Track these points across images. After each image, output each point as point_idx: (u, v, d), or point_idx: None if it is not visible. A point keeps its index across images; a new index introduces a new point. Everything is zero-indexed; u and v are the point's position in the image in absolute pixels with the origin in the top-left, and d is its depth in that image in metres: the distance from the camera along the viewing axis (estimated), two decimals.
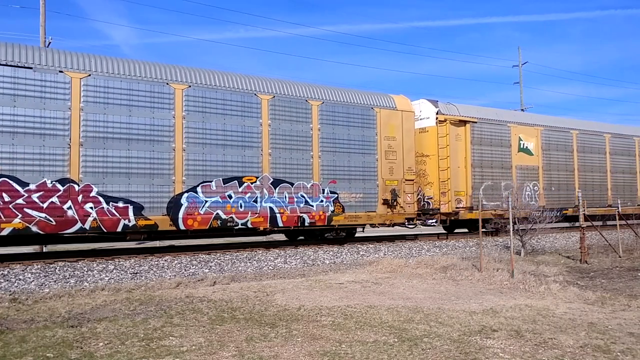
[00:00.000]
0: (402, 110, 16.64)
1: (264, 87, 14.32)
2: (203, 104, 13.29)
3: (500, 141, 19.20)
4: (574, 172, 21.46)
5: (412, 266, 12.25)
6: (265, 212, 13.87)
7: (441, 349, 5.60)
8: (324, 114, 15.12)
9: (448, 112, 18.05)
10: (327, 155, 15.06)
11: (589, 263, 13.21)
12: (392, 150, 16.21)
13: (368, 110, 15.93)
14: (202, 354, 5.50)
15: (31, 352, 5.60)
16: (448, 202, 17.62)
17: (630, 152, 23.88)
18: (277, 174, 14.19)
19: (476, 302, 8.16)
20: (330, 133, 15.20)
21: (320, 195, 14.81)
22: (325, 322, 6.85)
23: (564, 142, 21.24)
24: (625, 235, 16.34)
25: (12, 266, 10.97)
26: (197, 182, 13.00)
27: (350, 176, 15.43)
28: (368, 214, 15.65)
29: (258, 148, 13.97)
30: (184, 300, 8.48)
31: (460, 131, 18.21)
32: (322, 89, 15.43)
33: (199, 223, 12.92)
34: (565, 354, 5.48)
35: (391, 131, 16.26)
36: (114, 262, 11.85)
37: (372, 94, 16.42)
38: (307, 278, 11.05)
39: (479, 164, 18.49)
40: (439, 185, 17.72)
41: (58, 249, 16.84)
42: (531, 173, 19.98)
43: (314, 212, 14.65)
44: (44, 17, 20.99)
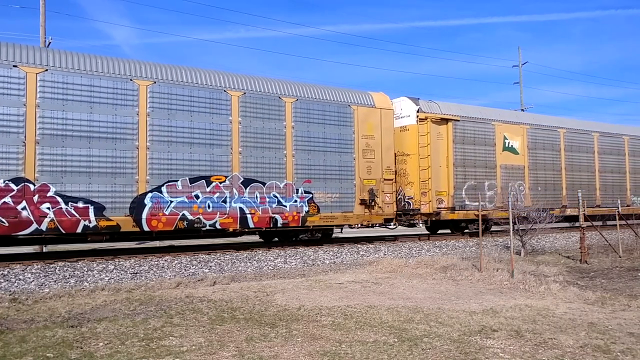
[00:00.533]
0: (381, 108, 16.30)
1: (234, 83, 13.93)
2: (169, 100, 12.91)
3: (484, 140, 18.75)
4: (561, 172, 21.02)
5: (412, 266, 12.25)
6: (235, 212, 13.46)
7: (441, 349, 5.61)
8: (298, 112, 14.76)
9: (429, 110, 17.65)
10: (301, 154, 14.71)
11: (589, 263, 13.21)
12: (370, 149, 15.86)
13: (345, 108, 15.57)
14: (202, 354, 5.50)
15: (31, 352, 5.60)
16: (429, 202, 17.22)
17: (619, 151, 23.42)
18: (248, 173, 13.80)
19: (476, 302, 8.16)
20: (304, 131, 14.82)
21: (294, 196, 14.44)
22: (325, 322, 6.85)
23: (550, 141, 20.81)
24: (625, 235, 16.33)
25: (12, 266, 10.98)
26: (162, 181, 12.62)
27: (326, 176, 15.08)
28: (345, 214, 15.31)
29: (227, 146, 13.59)
30: (184, 300, 8.48)
31: (442, 129, 17.81)
32: (296, 86, 15.06)
33: (163, 224, 12.51)
34: (565, 354, 5.48)
35: (369, 129, 15.91)
36: (114, 262, 11.86)
37: (349, 91, 16.09)
38: (307, 278, 11.05)
39: (462, 164, 18.06)
40: (420, 185, 17.30)
41: (58, 249, 16.84)
42: (517, 172, 19.57)
43: (287, 212, 14.27)
44: (44, 17, 21.00)
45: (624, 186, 23.36)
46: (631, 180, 23.62)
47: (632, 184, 23.62)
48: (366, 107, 15.98)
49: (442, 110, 17.93)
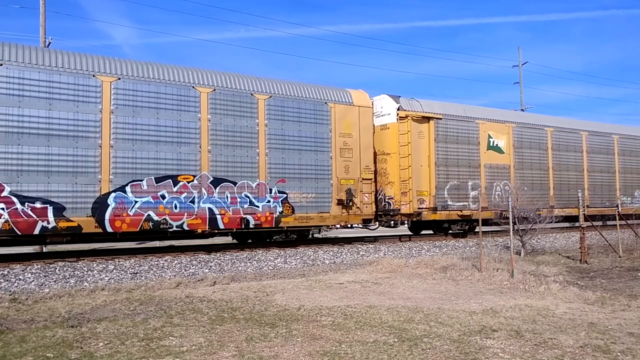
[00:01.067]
0: (360, 106, 15.88)
1: (204, 79, 13.49)
2: (134, 97, 12.48)
3: (467, 139, 18.24)
4: (549, 171, 20.52)
5: (412, 266, 12.26)
6: (203, 213, 13.01)
7: (441, 349, 5.61)
8: (271, 109, 14.30)
9: (410, 108, 17.19)
10: (275, 153, 14.25)
11: (589, 263, 13.21)
12: (348, 147, 15.44)
13: (321, 105, 15.10)
14: (202, 354, 5.50)
15: (31, 352, 5.60)
16: (409, 203, 16.77)
17: (608, 151, 22.89)
18: (217, 173, 13.35)
19: (476, 302, 8.16)
20: (278, 129, 14.36)
21: (267, 195, 13.99)
22: (325, 322, 6.85)
23: (537, 140, 20.29)
24: (625, 235, 16.34)
25: (12, 266, 10.98)
26: (126, 181, 12.19)
27: (301, 175, 14.62)
28: (321, 215, 14.83)
29: (196, 145, 13.14)
30: (184, 300, 8.48)
31: (424, 128, 17.34)
32: (269, 82, 14.59)
33: (128, 225, 12.09)
34: (565, 354, 5.48)
35: (347, 127, 15.49)
36: (114, 262, 11.86)
37: (326, 88, 15.63)
38: (307, 278, 11.06)
39: (444, 163, 17.60)
40: (400, 184, 16.85)
41: (58, 249, 16.84)
42: (502, 172, 19.05)
43: (259, 213, 13.82)
44: (44, 17, 21.00)
45: (613, 186, 22.89)
46: (620, 180, 23.17)
47: (622, 183, 23.18)
48: (344, 105, 15.56)
49: (424, 108, 17.52)
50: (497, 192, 18.63)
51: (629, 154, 23.60)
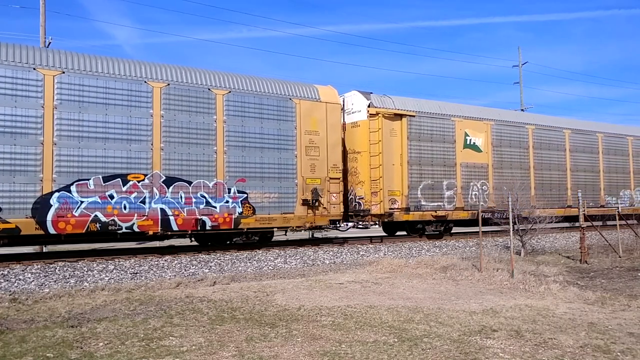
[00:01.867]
0: (327, 102, 15.18)
1: (157, 73, 12.84)
2: (80, 92, 11.84)
3: (442, 137, 17.59)
4: (530, 170, 19.84)
5: (412, 266, 12.26)
6: (155, 214, 12.38)
7: (441, 349, 5.61)
8: (231, 105, 13.62)
9: (382, 105, 16.55)
10: (234, 151, 13.57)
11: (589, 263, 13.21)
12: (314, 145, 14.75)
13: (286, 101, 14.42)
14: (202, 354, 5.50)
15: (31, 352, 5.60)
16: (380, 203, 16.12)
17: (592, 150, 22.23)
18: (171, 172, 12.71)
19: (476, 302, 8.16)
20: (238, 126, 13.68)
21: (226, 196, 13.33)
22: (325, 322, 6.85)
23: (518, 138, 19.61)
24: (625, 236, 16.34)
25: (12, 266, 10.98)
26: (71, 180, 11.56)
27: (263, 174, 13.95)
28: (284, 215, 14.17)
29: (147, 142, 12.48)
30: (184, 300, 8.48)
31: (396, 125, 16.68)
32: (228, 77, 13.89)
33: (73, 226, 11.47)
34: (565, 354, 5.48)
35: (313, 125, 14.79)
36: (114, 262, 11.86)
37: (291, 84, 14.95)
38: (307, 278, 11.06)
39: (417, 162, 16.98)
40: (370, 184, 16.20)
41: (58, 249, 16.84)
42: (479, 171, 18.36)
43: (217, 214, 13.17)
44: (44, 17, 21.00)
45: (598, 186, 22.24)
46: (605, 179, 22.55)
47: (606, 183, 22.55)
48: (310, 101, 14.86)
49: (396, 105, 16.91)
50: (475, 192, 18.05)
51: (614, 152, 23.05)
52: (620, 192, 22.94)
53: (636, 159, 23.75)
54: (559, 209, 19.72)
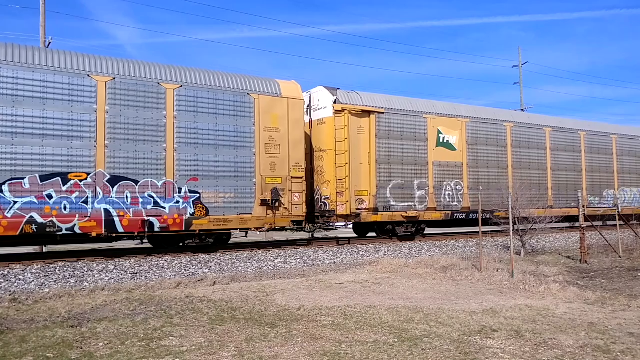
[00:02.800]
0: (289, 98, 14.43)
1: (101, 67, 12.14)
2: (14, 86, 11.19)
3: (413, 134, 16.90)
4: (507, 170, 19.06)
5: (412, 266, 12.26)
6: (98, 215, 11.72)
7: (441, 349, 5.61)
8: (182, 100, 12.94)
9: (348, 101, 15.89)
10: (185, 149, 12.89)
11: (589, 263, 13.21)
12: (274, 143, 14.04)
13: (243, 97, 13.70)
14: (202, 354, 5.50)
15: (31, 352, 5.60)
16: (346, 203, 15.44)
17: (574, 148, 21.39)
18: (116, 170, 12.03)
19: (476, 302, 8.16)
20: (190, 122, 12.99)
21: (176, 196, 12.65)
22: (325, 322, 6.86)
23: (495, 136, 18.83)
24: (625, 236, 16.34)
25: (12, 266, 10.98)
26: (4, 179, 10.92)
27: (218, 173, 13.24)
28: (241, 217, 13.41)
29: (90, 139, 11.79)
30: (184, 300, 8.48)
31: (364, 123, 16.02)
32: (180, 70, 13.21)
33: (5, 228, 10.77)
34: (565, 354, 5.48)
35: (274, 121, 14.08)
36: (114, 262, 11.86)
37: (250, 78, 14.23)
38: (307, 278, 11.06)
39: (387, 160, 16.27)
40: (336, 183, 15.51)
41: (58, 249, 16.85)
42: (453, 170, 17.64)
43: (166, 215, 12.48)
44: (44, 17, 21.00)
45: (580, 185, 21.36)
46: (588, 179, 21.75)
47: (589, 183, 21.73)
48: (270, 96, 14.16)
49: (364, 102, 16.22)
50: (448, 191, 17.38)
51: (597, 151, 22.30)
52: (604, 192, 22.31)
53: (620, 158, 23.12)
54: (539, 209, 19.33)
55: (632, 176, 23.45)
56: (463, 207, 17.56)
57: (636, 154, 23.64)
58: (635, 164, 23.60)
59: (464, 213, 17.51)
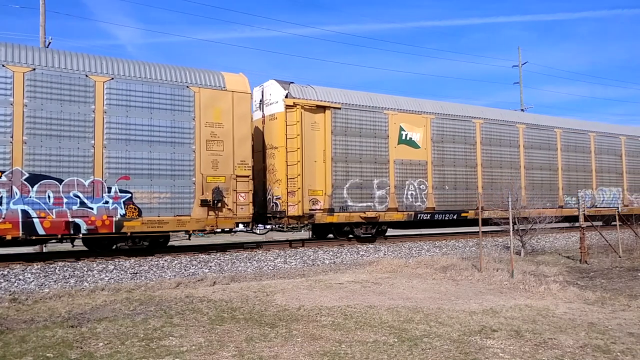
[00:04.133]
0: (234, 91, 13.51)
1: (18, 57, 11.31)
2: None
3: (373, 131, 15.99)
4: (477, 168, 18.08)
5: (412, 266, 12.26)
6: (14, 216, 10.86)
7: (441, 349, 5.61)
8: (113, 93, 12.06)
9: (301, 96, 14.96)
10: (116, 145, 12.01)
11: (589, 263, 13.22)
12: (217, 139, 13.17)
13: (182, 90, 12.84)
14: (202, 354, 5.50)
15: (31, 352, 5.60)
16: (298, 203, 14.52)
17: (550, 146, 20.37)
18: (36, 168, 11.18)
19: (476, 302, 8.16)
20: (122, 117, 12.11)
21: (105, 195, 11.81)
22: (325, 322, 6.86)
23: (463, 133, 17.85)
24: (625, 236, 16.35)
25: (12, 266, 10.97)
26: None
27: (152, 171, 12.36)
28: (179, 218, 12.54)
29: (6, 134, 10.99)
30: (184, 300, 8.48)
31: (319, 118, 15.13)
32: (111, 62, 12.38)
33: None
34: (565, 354, 5.48)
35: (217, 116, 13.20)
36: (114, 262, 11.86)
37: (189, 70, 13.36)
38: (307, 278, 11.06)
39: (344, 158, 15.39)
40: (287, 183, 14.61)
41: (58, 249, 16.84)
42: (417, 169, 16.75)
43: (94, 216, 11.61)
44: (44, 17, 21.00)
45: (556, 185, 20.36)
46: (564, 178, 20.70)
47: (565, 182, 20.65)
48: (213, 90, 13.25)
49: (319, 96, 15.32)
50: (411, 191, 16.55)
51: (574, 149, 21.25)
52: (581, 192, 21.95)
53: (599, 157, 22.17)
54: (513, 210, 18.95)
55: (611, 175, 22.54)
56: (427, 207, 16.73)
57: (615, 152, 22.77)
58: (615, 162, 22.73)
59: (429, 214, 16.71)
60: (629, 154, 23.19)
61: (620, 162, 22.85)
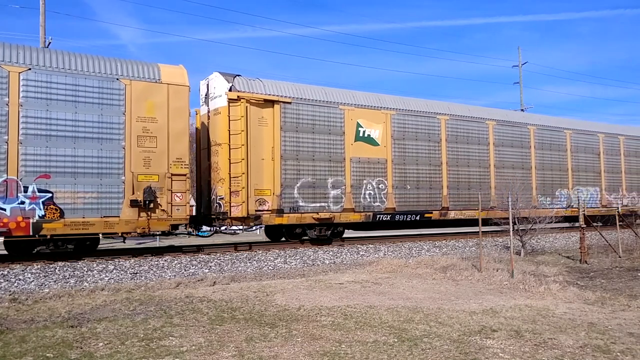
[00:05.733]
0: (170, 84, 12.72)
1: None
2: None
3: (327, 127, 15.18)
4: (442, 167, 17.23)
5: (412, 266, 12.26)
6: None
7: (441, 349, 5.61)
8: (31, 85, 11.30)
9: (247, 89, 14.11)
10: (35, 141, 11.24)
11: (589, 263, 13.22)
12: (150, 135, 12.32)
13: (110, 82, 12.02)
14: (202, 354, 5.50)
15: (31, 352, 5.60)
16: (242, 204, 13.65)
17: (523, 144, 19.48)
18: None
19: (476, 302, 8.16)
20: (42, 111, 11.35)
21: (20, 195, 11.03)
22: (325, 322, 6.86)
23: (427, 130, 17.03)
24: (625, 236, 16.35)
25: (12, 266, 10.97)
26: None
27: (77, 169, 11.58)
28: (106, 219, 11.73)
29: None
30: (183, 300, 8.48)
31: (267, 113, 14.28)
32: (29, 51, 11.59)
33: None
34: (565, 354, 5.48)
35: (150, 110, 12.41)
36: (114, 262, 11.86)
37: (120, 61, 12.55)
38: (307, 278, 11.06)
39: (294, 156, 14.55)
40: (231, 182, 13.72)
41: None
42: (375, 167, 15.94)
43: (6, 217, 10.82)
44: (44, 17, 21.01)
45: (529, 184, 19.38)
46: (538, 177, 19.79)
47: (539, 181, 19.72)
48: (145, 82, 12.45)
49: (267, 90, 14.43)
50: (369, 190, 15.76)
51: (549, 147, 20.37)
52: (557, 192, 20.36)
53: (575, 155, 21.20)
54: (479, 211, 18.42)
55: (588, 174, 21.65)
56: (387, 208, 15.95)
57: (593, 150, 21.89)
58: (592, 161, 21.86)
59: (389, 214, 15.96)
60: (608, 152, 22.43)
61: (598, 160, 22.08)
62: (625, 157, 23.07)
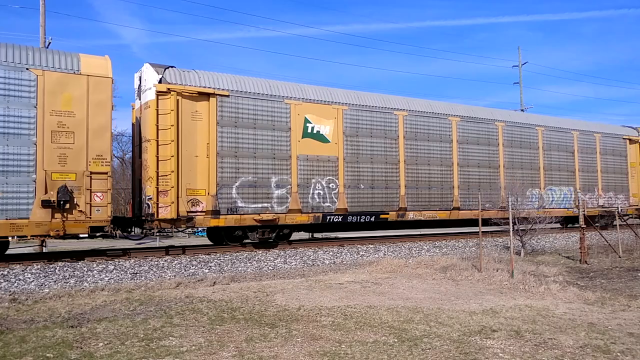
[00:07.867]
0: (90, 75, 11.78)
1: None
2: None
3: (271, 123, 14.23)
4: (399, 165, 16.28)
5: (412, 266, 12.26)
6: None
7: (441, 349, 5.61)
8: None
9: (180, 81, 13.18)
10: None
11: (589, 263, 13.22)
12: (66, 130, 11.41)
13: (20, 72, 11.09)
14: (202, 354, 5.50)
15: (31, 352, 5.60)
16: (171, 205, 12.60)
17: (490, 141, 18.51)
18: None
19: (476, 302, 8.17)
20: None
21: None
22: (325, 322, 6.86)
23: (382, 127, 16.07)
24: (625, 236, 16.35)
25: (12, 266, 10.97)
26: None
27: None
28: (12, 222, 10.78)
29: None
30: (183, 300, 8.48)
31: (201, 107, 13.32)
32: None
33: None
34: (565, 354, 5.49)
35: (66, 104, 11.49)
36: (114, 262, 11.86)
37: (31, 49, 11.61)
38: (307, 278, 11.06)
39: (233, 153, 13.61)
40: (159, 181, 12.72)
41: (58, 249, 16.84)
42: (325, 166, 14.98)
43: None
44: (44, 17, 21.00)
45: (497, 184, 18.45)
46: (507, 176, 18.76)
47: (508, 181, 18.59)
48: (62, 73, 11.50)
49: (203, 82, 13.51)
50: (318, 190, 14.85)
51: (519, 145, 19.38)
52: (527, 192, 19.09)
53: (547, 153, 20.19)
54: (440, 211, 16.54)
55: (561, 174, 20.61)
56: (338, 208, 15.00)
57: (567, 148, 20.85)
58: (566, 160, 20.81)
59: (340, 215, 15.04)
60: (583, 150, 21.34)
61: (572, 159, 21.00)
62: (602, 156, 22.04)
